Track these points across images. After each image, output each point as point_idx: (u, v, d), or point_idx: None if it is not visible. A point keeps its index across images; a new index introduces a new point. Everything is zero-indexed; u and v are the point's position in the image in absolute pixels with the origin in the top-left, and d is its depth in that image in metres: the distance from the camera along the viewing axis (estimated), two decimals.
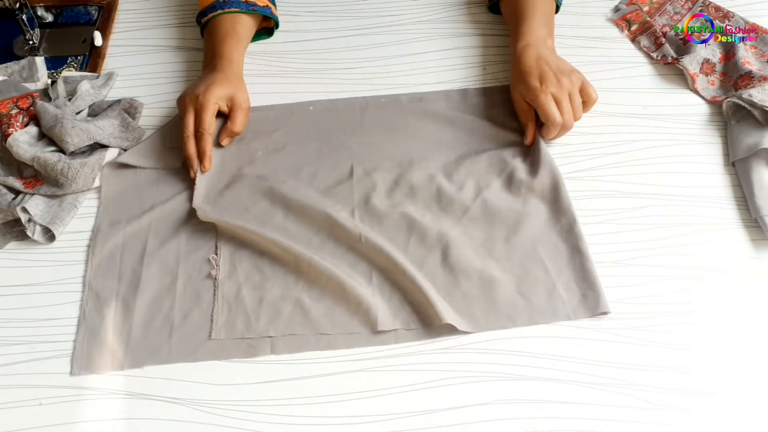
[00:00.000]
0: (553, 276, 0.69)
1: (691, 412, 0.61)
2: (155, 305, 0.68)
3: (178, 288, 0.69)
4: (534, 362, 0.64)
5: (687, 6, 0.94)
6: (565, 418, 0.61)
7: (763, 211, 0.72)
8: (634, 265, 0.71)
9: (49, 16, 0.96)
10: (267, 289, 0.69)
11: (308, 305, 0.68)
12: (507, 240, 0.72)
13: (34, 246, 0.73)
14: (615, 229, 0.74)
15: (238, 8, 0.85)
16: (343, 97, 0.86)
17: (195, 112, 0.77)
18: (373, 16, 0.96)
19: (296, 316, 0.67)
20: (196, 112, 0.77)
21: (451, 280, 0.69)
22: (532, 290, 0.68)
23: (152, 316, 0.68)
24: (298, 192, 0.75)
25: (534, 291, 0.68)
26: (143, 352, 0.65)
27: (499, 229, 0.73)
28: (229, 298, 0.68)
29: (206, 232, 0.73)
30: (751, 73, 0.83)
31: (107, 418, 0.62)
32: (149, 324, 0.67)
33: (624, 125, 0.83)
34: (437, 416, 0.61)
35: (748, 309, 0.68)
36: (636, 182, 0.77)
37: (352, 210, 0.74)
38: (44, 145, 0.78)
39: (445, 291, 0.68)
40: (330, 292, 0.68)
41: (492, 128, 0.82)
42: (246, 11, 0.86)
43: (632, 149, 0.80)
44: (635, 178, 0.78)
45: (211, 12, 0.85)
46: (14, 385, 0.64)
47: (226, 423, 0.61)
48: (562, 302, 0.67)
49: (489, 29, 0.94)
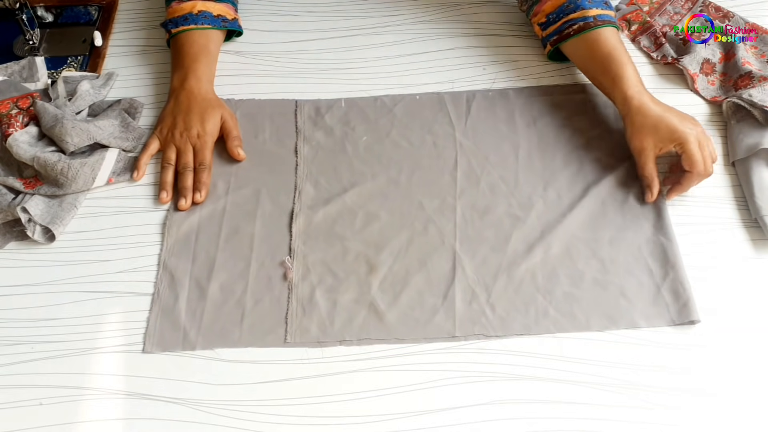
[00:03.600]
0: (658, 280, 0.68)
1: (692, 412, 0.61)
2: (228, 289, 0.69)
3: (251, 273, 0.70)
4: (534, 362, 0.64)
5: (687, 6, 0.94)
6: (565, 418, 0.61)
7: (763, 211, 0.72)
8: None
9: (49, 16, 0.96)
10: (341, 292, 0.69)
11: (382, 310, 0.67)
12: (612, 242, 0.71)
13: (34, 246, 0.73)
14: None
15: (211, 24, 0.85)
16: (343, 97, 0.86)
17: (194, 148, 0.78)
18: (372, 16, 0.96)
19: (371, 320, 0.67)
20: (196, 149, 0.78)
21: (553, 279, 0.69)
22: (637, 293, 0.68)
23: (225, 300, 0.68)
24: (397, 183, 0.76)
25: (638, 294, 0.68)
26: (215, 334, 0.66)
27: (605, 230, 0.72)
28: (303, 301, 0.68)
29: (280, 218, 0.74)
30: (751, 74, 0.83)
31: (107, 418, 0.62)
32: (221, 307, 0.68)
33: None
34: (437, 416, 0.61)
35: (748, 309, 0.68)
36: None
37: (453, 203, 0.74)
38: (44, 145, 0.78)
39: (544, 290, 0.68)
40: (405, 297, 0.68)
41: (601, 127, 0.81)
42: (218, 28, 0.86)
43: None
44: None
45: (183, 24, 0.85)
46: (14, 385, 0.64)
47: (226, 423, 0.61)
48: (666, 307, 0.67)
49: (489, 29, 0.94)
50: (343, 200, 0.75)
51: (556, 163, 0.78)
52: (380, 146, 0.80)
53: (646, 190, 0.74)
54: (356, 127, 0.82)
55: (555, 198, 0.74)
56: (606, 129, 0.81)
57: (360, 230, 0.73)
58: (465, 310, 0.67)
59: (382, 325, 0.66)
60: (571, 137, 0.80)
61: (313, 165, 0.79)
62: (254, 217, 0.74)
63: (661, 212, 0.73)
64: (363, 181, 0.77)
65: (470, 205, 0.74)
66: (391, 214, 0.74)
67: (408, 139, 0.81)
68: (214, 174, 0.78)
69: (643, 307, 0.67)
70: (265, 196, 0.76)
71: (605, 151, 0.78)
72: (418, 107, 0.84)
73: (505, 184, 0.76)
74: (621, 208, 0.74)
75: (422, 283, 0.69)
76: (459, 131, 0.81)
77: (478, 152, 0.79)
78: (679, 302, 0.67)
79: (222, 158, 0.80)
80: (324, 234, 0.73)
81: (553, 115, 0.82)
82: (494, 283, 0.68)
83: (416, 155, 0.79)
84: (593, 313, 0.66)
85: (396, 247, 0.71)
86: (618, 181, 0.76)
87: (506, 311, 0.67)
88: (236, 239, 0.73)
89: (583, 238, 0.71)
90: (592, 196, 0.74)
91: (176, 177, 0.77)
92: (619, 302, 0.67)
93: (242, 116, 0.83)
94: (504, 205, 0.74)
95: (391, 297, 0.68)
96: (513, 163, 0.78)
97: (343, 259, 0.71)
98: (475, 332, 0.65)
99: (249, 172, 0.78)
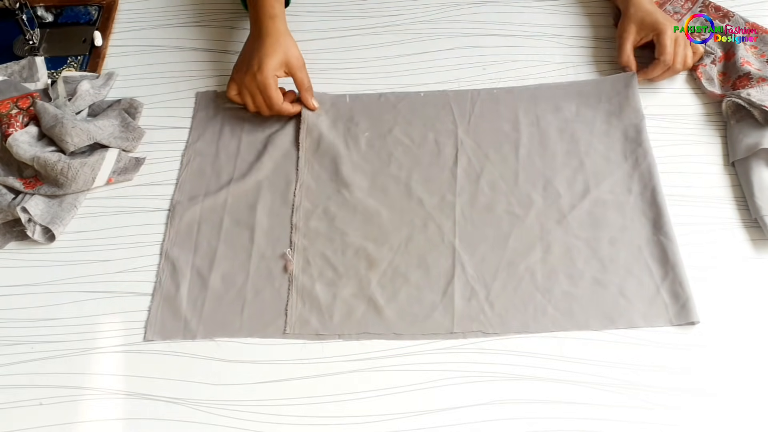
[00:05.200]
0: (657, 280, 0.68)
1: (692, 412, 0.61)
2: (229, 280, 0.70)
3: (252, 265, 0.71)
4: (534, 362, 0.64)
5: (687, 6, 0.94)
6: (565, 418, 0.61)
7: (763, 211, 0.72)
8: None
9: (49, 16, 0.96)
10: (340, 286, 0.69)
11: (381, 305, 0.68)
12: (612, 242, 0.71)
13: (34, 246, 0.73)
14: None
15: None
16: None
17: (259, 91, 0.78)
18: (373, 16, 0.96)
19: (369, 315, 0.67)
20: (261, 91, 0.78)
21: (552, 278, 0.69)
22: (636, 293, 0.68)
23: (225, 290, 0.69)
24: (397, 179, 0.76)
25: (638, 294, 0.68)
26: (215, 324, 0.67)
27: (605, 229, 0.72)
28: (303, 293, 0.69)
29: (281, 211, 0.75)
30: (750, 74, 0.83)
31: (107, 418, 0.62)
32: (222, 297, 0.68)
33: None
34: (437, 416, 0.61)
35: (748, 309, 0.68)
36: None
37: (453, 201, 0.75)
38: (44, 145, 0.78)
39: (543, 288, 0.68)
40: (404, 293, 0.68)
41: (601, 129, 0.81)
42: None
43: None
44: None
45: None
46: (14, 385, 0.64)
47: (226, 423, 0.61)
48: (665, 307, 0.67)
49: (489, 29, 0.93)
50: (343, 195, 0.75)
51: (557, 162, 0.78)
52: (382, 142, 0.80)
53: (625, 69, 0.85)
54: (359, 123, 0.82)
55: (554, 197, 0.75)
56: (607, 129, 0.81)
57: (360, 225, 0.73)
58: (464, 307, 0.67)
59: (381, 320, 0.67)
60: (573, 137, 0.80)
61: (314, 159, 0.79)
62: (255, 209, 0.75)
63: (661, 212, 0.73)
64: (364, 177, 0.77)
65: (470, 202, 0.74)
66: (391, 210, 0.74)
67: (410, 135, 0.81)
68: (217, 164, 0.79)
69: (642, 307, 0.67)
70: (267, 189, 0.77)
71: (606, 151, 0.78)
72: (422, 104, 0.84)
73: (505, 182, 0.76)
74: (621, 207, 0.74)
75: (421, 280, 0.69)
76: (461, 129, 0.81)
77: (478, 150, 0.79)
78: (678, 303, 0.67)
79: (227, 148, 0.80)
80: (324, 228, 0.73)
81: (556, 114, 0.82)
82: (493, 280, 0.69)
83: (417, 152, 0.79)
84: (592, 312, 0.67)
85: (395, 243, 0.72)
86: (618, 181, 0.76)
87: (505, 309, 0.67)
88: (238, 230, 0.73)
89: (582, 237, 0.71)
90: (592, 196, 0.74)
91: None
92: (618, 302, 0.67)
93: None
94: (504, 204, 0.74)
95: (390, 292, 0.68)
96: (513, 161, 0.78)
97: (343, 254, 0.71)
98: (473, 329, 0.66)
99: (252, 164, 0.79)
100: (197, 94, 0.86)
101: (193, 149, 0.81)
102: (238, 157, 0.79)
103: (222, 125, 0.83)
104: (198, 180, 0.78)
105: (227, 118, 0.83)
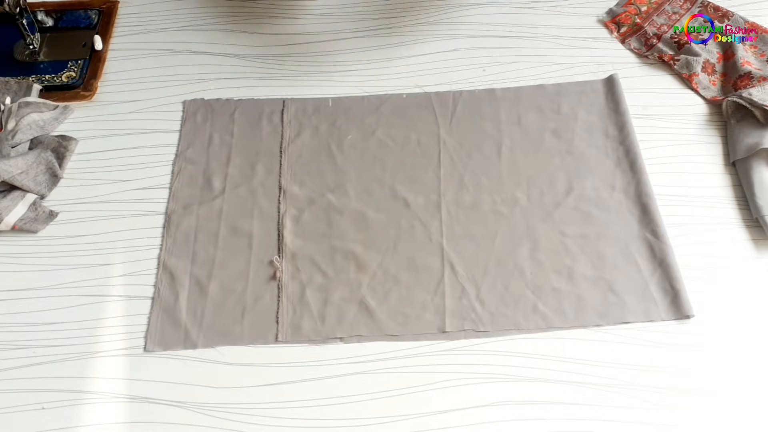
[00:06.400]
0: (646, 276, 0.69)
1: (691, 412, 0.61)
2: (228, 287, 0.70)
3: (251, 271, 0.71)
4: (534, 363, 0.64)
5: (686, 6, 0.94)
6: (566, 419, 0.61)
7: (763, 210, 0.72)
8: None
9: (49, 21, 0.96)
10: (330, 290, 0.69)
11: (373, 307, 0.68)
12: (599, 238, 0.72)
13: (35, 250, 0.73)
14: None
15: None
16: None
17: None
18: (373, 18, 0.96)
19: (361, 317, 0.67)
20: None
21: (541, 275, 0.69)
22: (625, 289, 0.68)
23: (225, 298, 0.69)
24: (382, 181, 0.77)
25: (626, 290, 0.68)
26: (216, 332, 0.67)
27: (591, 226, 0.72)
28: (293, 300, 0.69)
29: (274, 217, 0.75)
30: (751, 74, 0.83)
31: (109, 422, 0.62)
32: (222, 305, 0.69)
33: None
34: (441, 417, 0.61)
35: (748, 309, 0.68)
36: None
37: (438, 201, 0.75)
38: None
39: (533, 285, 0.68)
40: (395, 294, 0.69)
41: (583, 127, 0.81)
42: None
43: None
44: None
45: None
46: (16, 389, 0.64)
47: (228, 426, 0.61)
48: (654, 303, 0.67)
49: (489, 31, 0.93)
50: (328, 199, 0.76)
51: (539, 160, 0.78)
52: (365, 144, 0.80)
53: None
54: (342, 126, 0.82)
55: (538, 194, 0.75)
56: (588, 127, 0.81)
57: (347, 229, 0.73)
58: (455, 306, 0.67)
59: (373, 322, 0.67)
60: (555, 134, 0.80)
61: (297, 165, 0.79)
62: (251, 216, 0.75)
63: (646, 208, 0.73)
64: (348, 180, 0.77)
65: (455, 202, 0.75)
66: (377, 212, 0.74)
67: (393, 137, 0.81)
68: (208, 172, 0.78)
69: (631, 303, 0.67)
70: (261, 195, 0.77)
71: (587, 149, 0.79)
72: (404, 106, 0.84)
73: (489, 181, 0.76)
74: (605, 204, 0.74)
75: (411, 280, 0.69)
76: (443, 129, 0.81)
77: (461, 150, 0.79)
78: (667, 299, 0.67)
79: (217, 156, 0.80)
80: (311, 233, 0.73)
81: (538, 113, 0.82)
82: (483, 279, 0.69)
83: (400, 153, 0.79)
84: (582, 308, 0.67)
85: (384, 245, 0.72)
86: (602, 178, 0.76)
87: (495, 306, 0.67)
88: (235, 238, 0.73)
89: (569, 234, 0.72)
90: (576, 193, 0.75)
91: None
92: (607, 298, 0.67)
93: (240, 115, 0.84)
94: (488, 202, 0.74)
95: (380, 294, 0.69)
96: (495, 160, 0.78)
97: (331, 258, 0.71)
98: (465, 327, 0.66)
99: (245, 170, 0.79)
100: (184, 102, 0.86)
101: (184, 157, 0.80)
102: (230, 164, 0.79)
103: (211, 133, 0.82)
104: (191, 188, 0.78)
105: (216, 126, 0.83)
